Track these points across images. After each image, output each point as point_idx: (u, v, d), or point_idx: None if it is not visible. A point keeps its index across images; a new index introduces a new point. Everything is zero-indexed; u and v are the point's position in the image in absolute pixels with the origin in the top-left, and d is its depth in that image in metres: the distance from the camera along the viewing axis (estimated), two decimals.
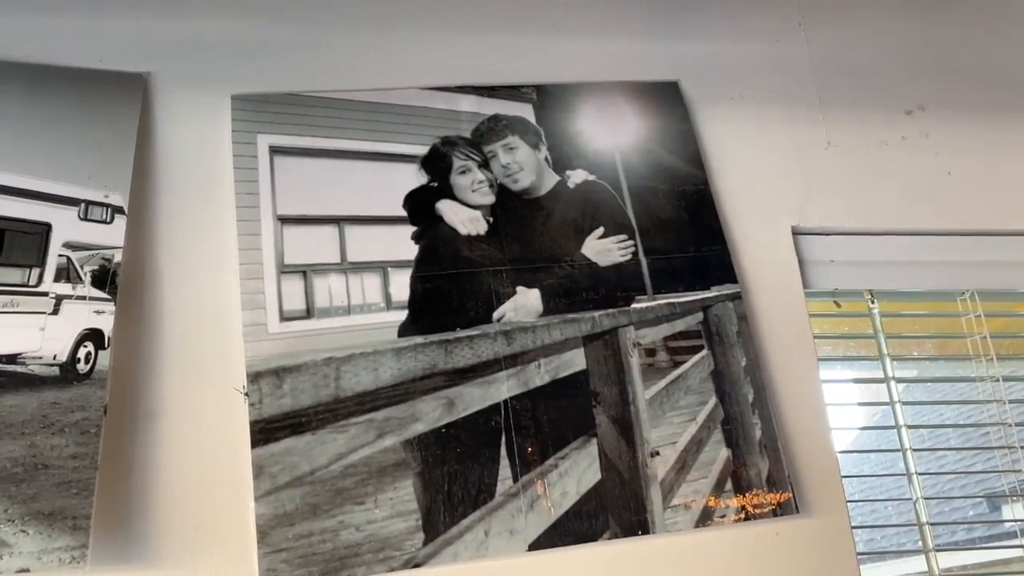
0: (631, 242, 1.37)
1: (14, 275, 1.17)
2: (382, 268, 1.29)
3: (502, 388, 1.23)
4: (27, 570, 1.00)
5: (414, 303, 1.27)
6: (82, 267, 1.19)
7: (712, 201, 1.44)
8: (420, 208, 1.34)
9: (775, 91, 1.59)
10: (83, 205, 1.22)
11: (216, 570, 1.09)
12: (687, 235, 1.40)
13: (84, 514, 1.04)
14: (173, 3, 1.42)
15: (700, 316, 1.34)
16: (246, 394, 1.16)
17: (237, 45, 1.41)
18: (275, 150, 1.33)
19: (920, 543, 1.40)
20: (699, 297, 1.35)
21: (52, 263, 1.19)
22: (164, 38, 1.39)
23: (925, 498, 1.41)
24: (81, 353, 1.14)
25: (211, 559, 1.09)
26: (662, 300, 1.34)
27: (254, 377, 1.17)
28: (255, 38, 1.42)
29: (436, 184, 1.36)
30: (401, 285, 1.28)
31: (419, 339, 1.23)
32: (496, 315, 1.28)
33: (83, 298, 1.17)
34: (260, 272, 1.25)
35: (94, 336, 1.15)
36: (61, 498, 1.04)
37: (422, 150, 1.38)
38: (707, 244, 1.40)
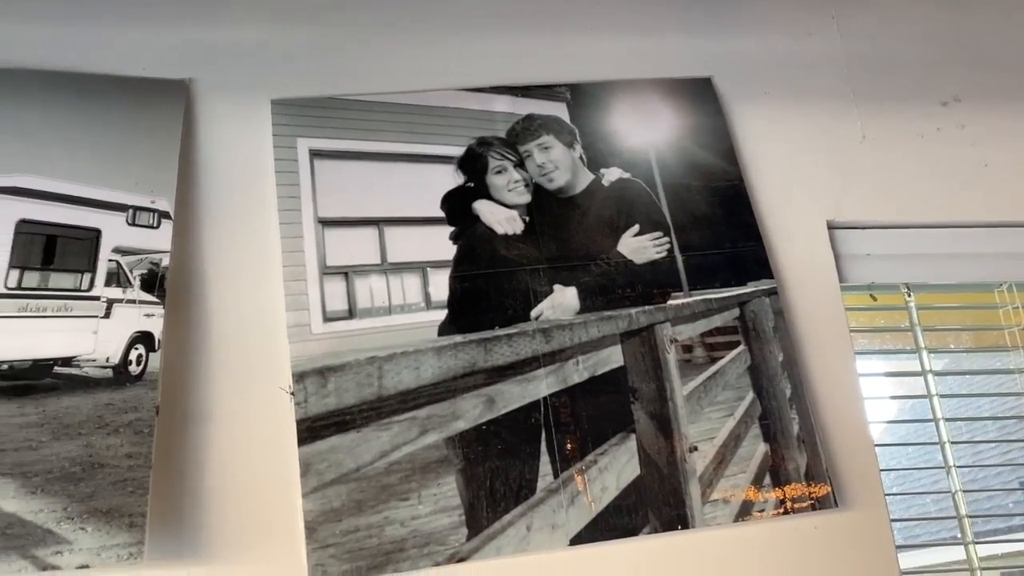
0: (666, 239, 1.38)
1: (66, 280, 1.20)
2: (421, 268, 1.31)
3: (541, 385, 1.25)
4: (87, 566, 1.03)
5: (453, 302, 1.29)
6: (131, 271, 1.23)
7: (747, 197, 1.44)
8: (457, 208, 1.36)
9: (809, 85, 1.59)
10: (131, 211, 1.26)
11: (266, 565, 1.12)
12: (722, 231, 1.41)
13: (140, 512, 1.07)
14: (211, 11, 1.45)
15: (736, 312, 1.35)
16: (292, 393, 1.18)
17: (275, 50, 1.43)
18: (315, 153, 1.36)
19: (959, 535, 1.40)
20: (735, 293, 1.36)
21: (103, 268, 1.22)
22: (204, 45, 1.42)
23: (964, 491, 1.41)
24: (133, 355, 1.18)
25: (261, 555, 1.12)
26: (698, 296, 1.35)
27: (299, 377, 1.19)
28: (293, 43, 1.44)
29: (473, 184, 1.38)
30: (440, 285, 1.30)
31: (459, 338, 1.25)
32: (534, 313, 1.29)
33: (133, 302, 1.21)
34: (303, 274, 1.28)
35: (145, 339, 1.19)
36: (117, 496, 1.08)
37: (458, 151, 1.40)
38: (743, 240, 1.40)
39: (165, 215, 1.26)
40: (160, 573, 1.08)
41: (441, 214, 1.35)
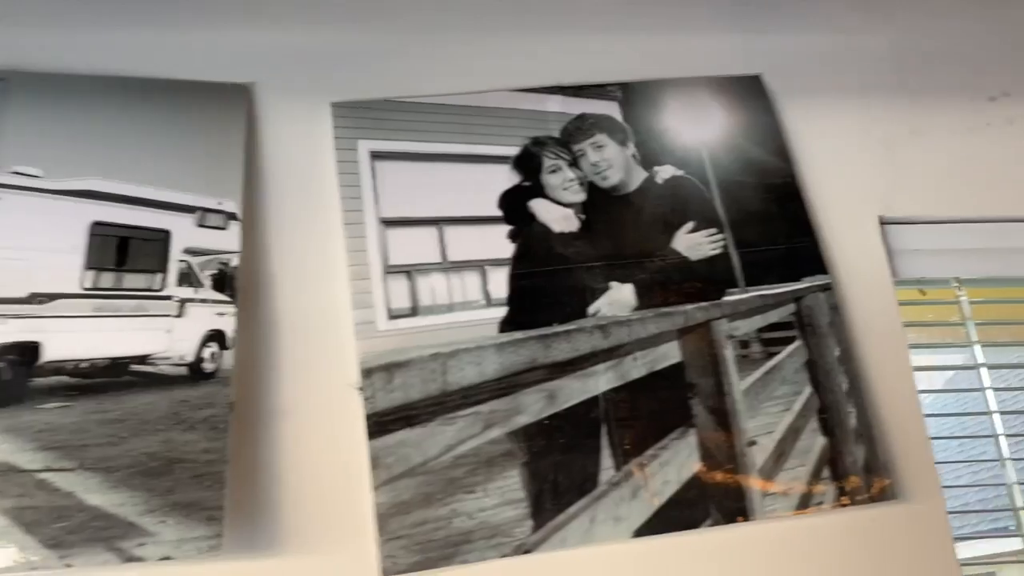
0: (721, 235, 1.39)
1: (140, 280, 1.24)
2: (480, 266, 1.34)
3: (600, 381, 1.27)
4: (169, 558, 1.06)
5: (512, 300, 1.32)
6: (201, 271, 1.26)
7: (799, 193, 1.46)
8: (514, 207, 1.38)
9: (857, 81, 1.60)
10: (199, 212, 1.29)
11: (339, 556, 1.15)
12: (776, 227, 1.42)
13: (217, 505, 1.10)
14: (271, 16, 1.48)
15: (792, 307, 1.36)
16: (360, 389, 1.21)
17: (334, 54, 1.46)
18: (375, 155, 1.39)
19: (1015, 527, 1.41)
20: (790, 289, 1.37)
21: (174, 268, 1.26)
22: (264, 50, 1.45)
23: (1020, 483, 1.42)
24: (206, 353, 1.21)
25: (334, 546, 1.15)
26: (754, 292, 1.36)
27: (366, 373, 1.22)
28: (351, 47, 1.47)
29: (528, 183, 1.40)
30: (499, 282, 1.33)
31: (519, 334, 1.28)
32: (591, 310, 1.31)
33: (205, 301, 1.24)
34: (367, 273, 1.31)
35: (217, 337, 1.22)
36: (196, 491, 1.11)
37: (513, 151, 1.42)
38: (796, 236, 1.42)
39: (232, 216, 1.29)
40: (238, 565, 1.11)
41: (499, 213, 1.38)
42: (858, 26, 1.66)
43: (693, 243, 1.38)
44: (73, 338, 1.19)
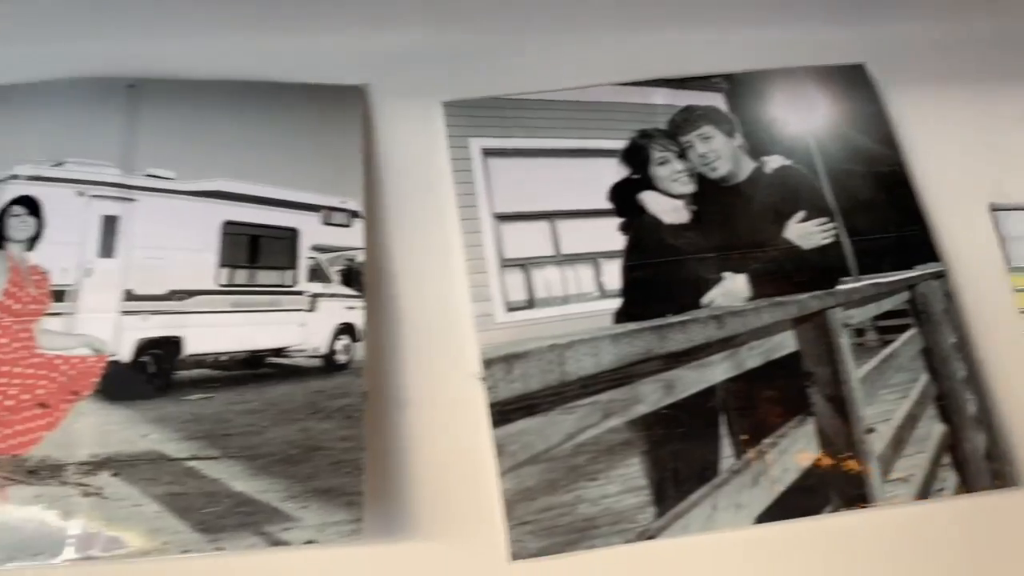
0: (832, 224, 1.40)
1: (272, 276, 1.30)
2: (593, 259, 1.37)
3: (717, 370, 1.28)
4: (313, 541, 1.11)
5: (626, 291, 1.34)
6: (330, 267, 1.31)
7: (908, 181, 1.46)
8: (624, 200, 1.40)
9: (962, 66, 1.59)
10: (324, 211, 1.34)
11: (470, 541, 1.19)
12: (886, 215, 1.42)
13: (356, 491, 1.15)
14: (380, 19, 1.52)
15: (906, 295, 1.37)
16: (483, 379, 1.25)
17: (443, 55, 1.50)
18: (487, 152, 1.42)
19: None
20: (904, 276, 1.38)
21: (303, 265, 1.31)
22: (374, 51, 1.50)
23: None
24: (338, 345, 1.26)
25: (463, 531, 1.19)
26: (867, 281, 1.37)
27: (487, 363, 1.26)
28: (459, 46, 1.51)
29: (637, 176, 1.42)
30: (612, 274, 1.35)
31: (634, 325, 1.30)
32: (705, 300, 1.33)
33: (334, 296, 1.29)
34: (484, 267, 1.35)
35: (348, 330, 1.27)
36: (335, 477, 1.16)
37: (621, 144, 1.44)
38: (907, 224, 1.42)
39: (355, 214, 1.34)
40: (378, 549, 1.15)
41: (609, 206, 1.40)
42: (961, 11, 1.64)
43: (805, 232, 1.39)
44: (212, 332, 1.25)
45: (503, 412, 1.23)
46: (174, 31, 1.47)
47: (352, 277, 1.30)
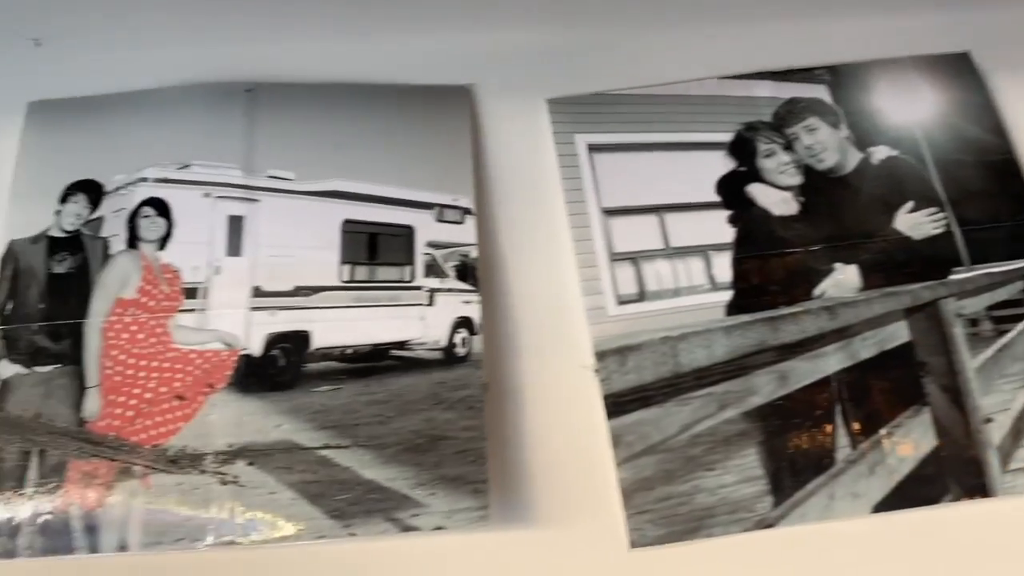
0: (943, 214, 1.39)
1: (391, 272, 1.34)
2: (703, 252, 1.38)
3: (830, 361, 1.29)
4: (442, 527, 1.15)
5: (737, 283, 1.35)
6: (445, 262, 1.35)
7: (1019, 170, 1.44)
8: (732, 192, 1.42)
9: None
10: (437, 208, 1.38)
11: (590, 528, 1.21)
12: (997, 205, 1.41)
13: (481, 479, 1.18)
14: (484, 19, 1.55)
15: (1021, 284, 1.35)
16: (596, 370, 1.28)
17: (546, 52, 1.53)
18: (592, 147, 1.45)
19: None
20: (1018, 266, 1.36)
21: (420, 261, 1.36)
22: (479, 52, 1.53)
23: None
24: (457, 338, 1.30)
25: (583, 519, 1.22)
26: (980, 270, 1.36)
27: (600, 356, 1.28)
28: (562, 44, 1.54)
29: (744, 168, 1.43)
30: (723, 267, 1.37)
31: (746, 317, 1.31)
32: (816, 292, 1.34)
33: (451, 290, 1.33)
34: (594, 260, 1.37)
35: (466, 323, 1.31)
36: (460, 466, 1.19)
37: (726, 137, 1.46)
38: (1020, 213, 1.40)
39: (467, 211, 1.38)
40: (504, 535, 1.19)
41: (717, 199, 1.41)
42: None
43: (915, 222, 1.39)
44: (337, 326, 1.30)
45: (618, 403, 1.25)
46: (287, 36, 1.52)
47: (466, 272, 1.34)
